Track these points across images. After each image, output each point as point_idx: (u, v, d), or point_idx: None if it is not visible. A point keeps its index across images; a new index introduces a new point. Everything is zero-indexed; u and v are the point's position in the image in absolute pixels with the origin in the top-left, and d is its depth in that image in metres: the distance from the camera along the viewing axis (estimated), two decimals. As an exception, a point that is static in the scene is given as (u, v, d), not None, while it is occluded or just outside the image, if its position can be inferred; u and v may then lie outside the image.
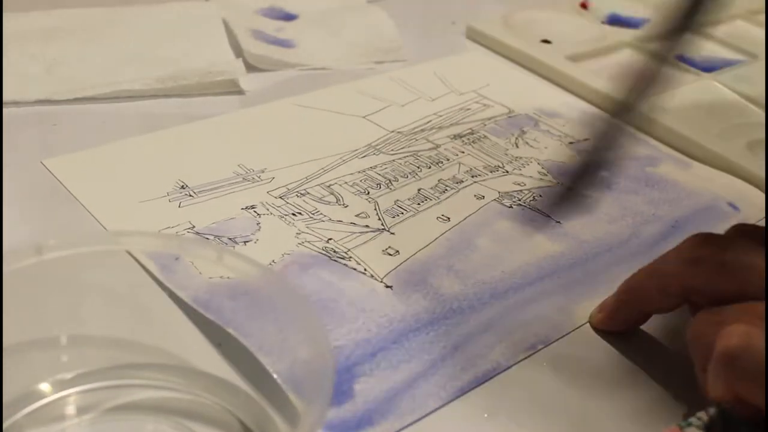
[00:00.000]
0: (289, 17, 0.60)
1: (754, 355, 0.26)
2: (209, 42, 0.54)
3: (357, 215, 0.39)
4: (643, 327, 0.34)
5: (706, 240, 0.30)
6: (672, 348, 0.33)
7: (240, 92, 0.49)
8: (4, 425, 0.27)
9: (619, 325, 0.34)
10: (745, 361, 0.26)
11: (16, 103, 0.45)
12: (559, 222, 0.40)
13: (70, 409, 0.28)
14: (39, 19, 0.54)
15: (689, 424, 0.29)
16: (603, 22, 0.63)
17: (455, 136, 0.46)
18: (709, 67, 0.57)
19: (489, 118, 0.49)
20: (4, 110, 0.45)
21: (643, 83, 0.28)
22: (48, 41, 0.51)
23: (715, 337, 0.27)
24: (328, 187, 0.41)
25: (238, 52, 0.53)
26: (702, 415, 0.29)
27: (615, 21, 0.64)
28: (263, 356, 0.29)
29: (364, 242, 0.37)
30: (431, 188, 0.41)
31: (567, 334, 0.33)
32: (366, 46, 0.56)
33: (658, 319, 0.33)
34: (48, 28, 0.53)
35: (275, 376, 0.28)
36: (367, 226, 0.38)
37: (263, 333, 0.29)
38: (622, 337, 0.33)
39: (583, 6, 0.65)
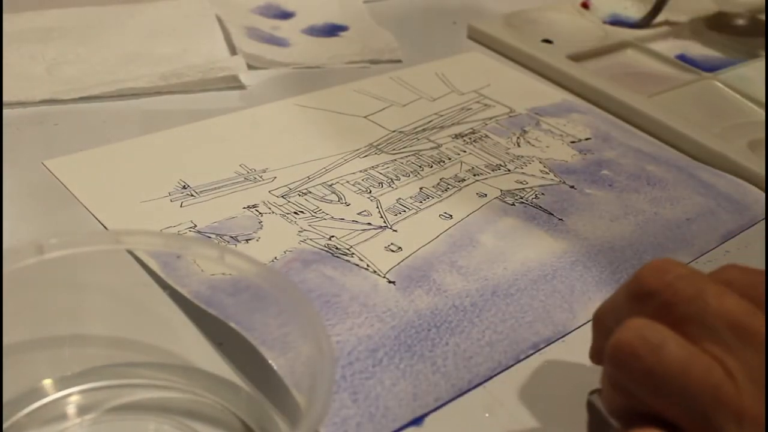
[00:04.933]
0: (285, 15, 0.60)
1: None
2: (206, 39, 0.54)
3: (359, 213, 0.39)
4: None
5: (656, 271, 0.26)
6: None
7: (241, 87, 0.49)
8: (6, 424, 0.27)
9: (599, 358, 0.29)
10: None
11: (21, 104, 0.45)
12: (561, 219, 0.40)
13: (72, 409, 0.28)
14: (33, 20, 0.54)
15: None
16: (604, 22, 0.64)
17: (456, 136, 0.46)
18: (710, 67, 0.57)
19: (490, 118, 0.49)
20: (6, 111, 0.45)
21: None
22: (46, 42, 0.51)
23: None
24: (330, 186, 0.41)
25: (233, 50, 0.53)
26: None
27: (616, 21, 0.64)
28: (265, 350, 0.29)
29: (367, 239, 0.37)
30: (433, 187, 0.41)
31: (569, 333, 0.33)
32: (361, 46, 0.56)
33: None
34: (43, 28, 0.53)
35: (275, 368, 0.28)
36: (369, 223, 0.38)
37: (265, 328, 0.29)
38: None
39: (584, 6, 0.65)
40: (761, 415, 0.23)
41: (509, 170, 0.44)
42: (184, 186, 0.39)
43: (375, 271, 0.35)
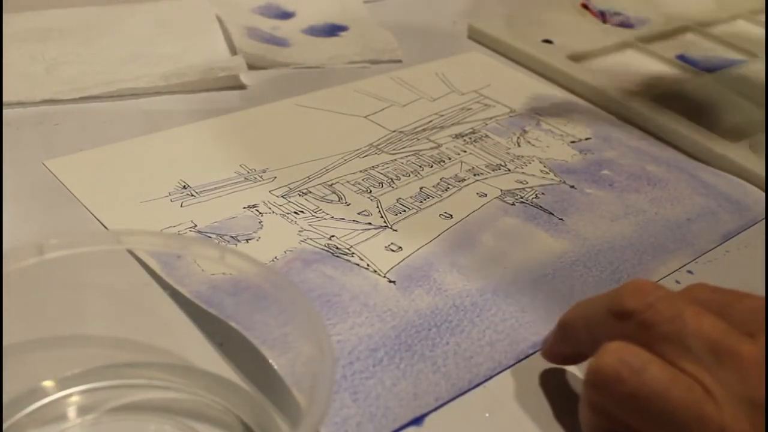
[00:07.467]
0: (285, 15, 0.60)
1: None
2: (206, 39, 0.54)
3: (359, 213, 0.39)
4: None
5: (636, 292, 0.26)
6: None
7: (241, 87, 0.49)
8: (6, 425, 0.27)
9: (559, 360, 0.31)
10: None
11: (21, 104, 0.45)
12: (561, 219, 0.40)
13: (72, 409, 0.28)
14: (32, 20, 0.54)
15: None
16: (604, 23, 0.64)
17: (457, 136, 0.46)
18: (711, 67, 0.57)
19: (490, 118, 0.49)
20: (6, 111, 0.45)
21: None
22: (45, 42, 0.51)
23: None
24: (330, 186, 0.41)
25: (233, 50, 0.53)
26: None
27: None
28: (266, 350, 0.29)
29: (367, 239, 0.37)
30: (433, 186, 0.41)
31: (570, 332, 0.33)
32: (361, 46, 0.56)
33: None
34: (43, 28, 0.53)
35: (276, 367, 0.28)
36: (369, 223, 0.38)
37: (265, 327, 0.29)
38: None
39: (585, 6, 0.65)
40: (743, 431, 0.23)
41: (509, 170, 0.44)
42: (184, 186, 0.39)
43: (375, 271, 0.35)
